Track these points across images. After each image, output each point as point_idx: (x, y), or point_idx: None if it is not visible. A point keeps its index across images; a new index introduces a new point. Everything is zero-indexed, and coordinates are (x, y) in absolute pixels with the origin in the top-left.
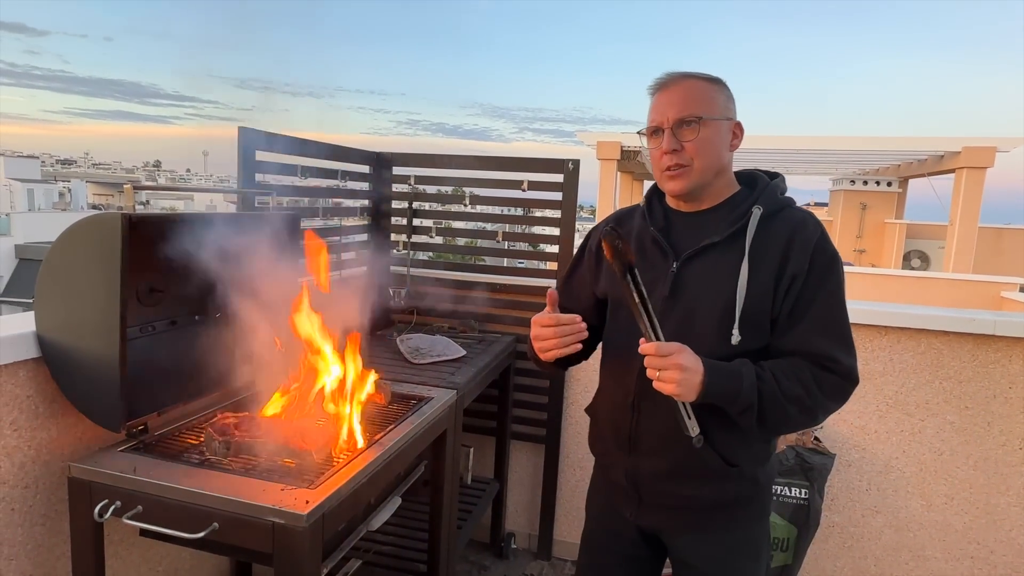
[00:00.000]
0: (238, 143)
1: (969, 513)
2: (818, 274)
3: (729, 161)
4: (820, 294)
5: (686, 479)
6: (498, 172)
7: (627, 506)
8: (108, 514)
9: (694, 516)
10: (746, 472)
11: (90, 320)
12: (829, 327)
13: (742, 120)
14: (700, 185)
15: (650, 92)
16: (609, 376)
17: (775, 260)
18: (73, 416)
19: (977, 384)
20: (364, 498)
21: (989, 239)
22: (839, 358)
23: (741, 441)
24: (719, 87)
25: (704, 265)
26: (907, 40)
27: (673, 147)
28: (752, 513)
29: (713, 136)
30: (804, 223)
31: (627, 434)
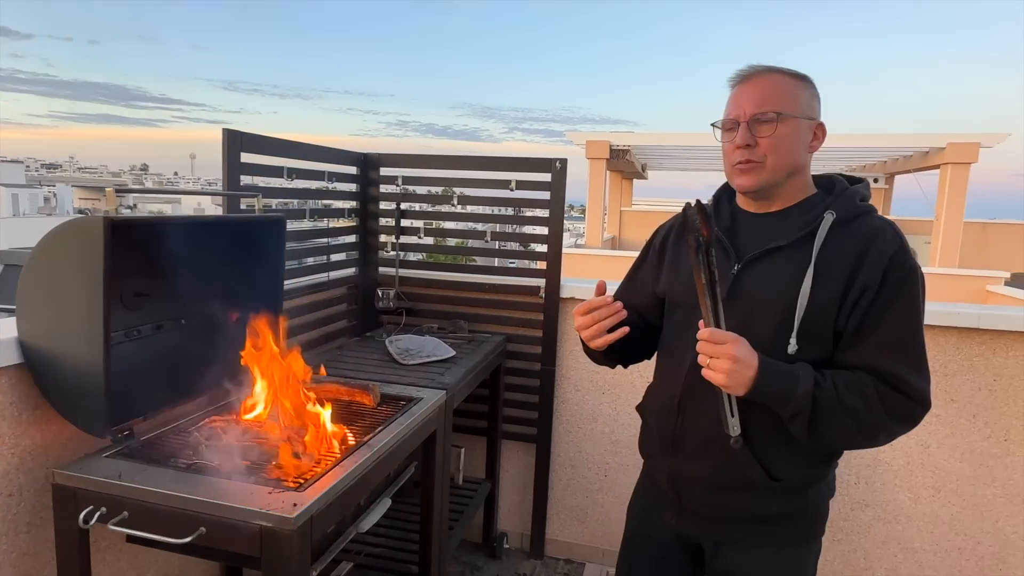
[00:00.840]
0: (223, 145)
1: (956, 505)
2: (892, 289)
3: (806, 163)
4: (892, 310)
5: (725, 488)
6: (486, 172)
7: (669, 511)
8: (93, 520)
9: (733, 528)
10: (791, 488)
11: (73, 325)
12: (899, 346)
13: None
14: (771, 184)
15: (730, 84)
16: (660, 375)
17: (845, 270)
18: (58, 422)
19: (962, 377)
20: (353, 500)
21: (974, 234)
22: (908, 379)
23: (788, 454)
24: (804, 84)
25: (767, 269)
26: (891, 37)
27: (747, 142)
28: (797, 534)
29: (790, 134)
30: (882, 232)
31: (671, 435)
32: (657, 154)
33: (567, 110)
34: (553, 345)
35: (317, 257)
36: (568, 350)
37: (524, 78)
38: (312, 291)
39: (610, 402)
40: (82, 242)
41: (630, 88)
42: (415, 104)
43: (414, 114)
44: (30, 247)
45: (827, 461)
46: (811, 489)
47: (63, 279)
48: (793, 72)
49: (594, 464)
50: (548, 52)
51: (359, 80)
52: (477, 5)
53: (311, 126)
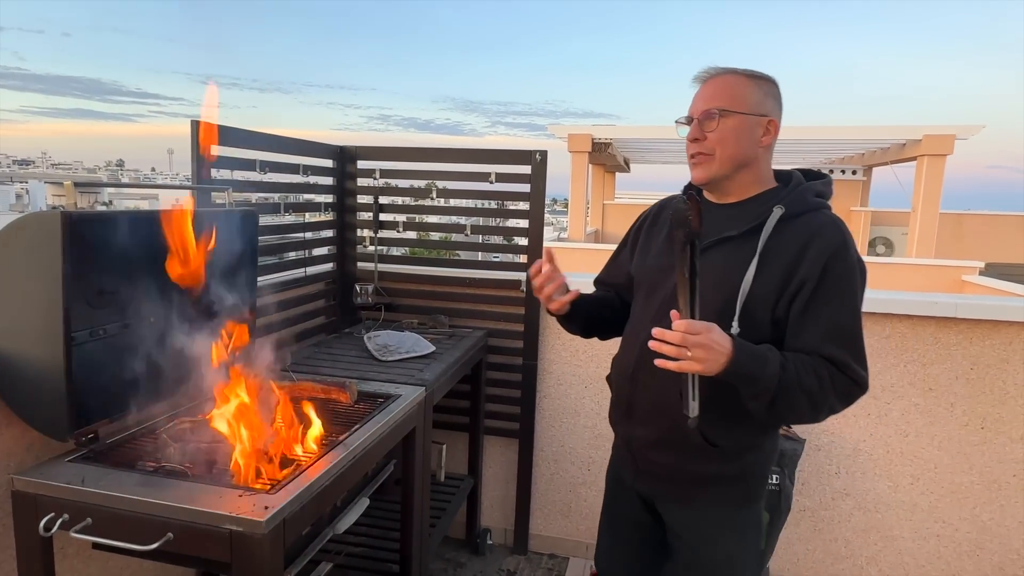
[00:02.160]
0: (191, 138)
1: (934, 492)
2: (833, 281)
3: (757, 156)
4: (834, 301)
5: (670, 450)
6: (465, 164)
7: (627, 471)
8: (55, 528)
9: (678, 487)
10: (728, 453)
11: (32, 325)
12: (843, 335)
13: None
14: (721, 175)
15: (692, 86)
16: (621, 347)
17: (786, 263)
18: (19, 426)
19: (940, 366)
20: (329, 501)
21: (950, 225)
22: (852, 365)
23: (727, 424)
24: (756, 83)
25: (718, 257)
26: (868, 30)
27: (695, 136)
28: (734, 496)
29: (736, 128)
30: (824, 229)
31: (626, 402)
32: (640, 147)
33: (550, 104)
34: (535, 339)
35: (294, 252)
36: (550, 344)
37: (507, 72)
38: (289, 287)
39: (592, 396)
40: (39, 238)
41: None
42: (397, 98)
43: (396, 108)
44: None
45: (763, 432)
46: (747, 455)
47: (20, 277)
48: (750, 72)
49: (577, 458)
50: (531, 46)
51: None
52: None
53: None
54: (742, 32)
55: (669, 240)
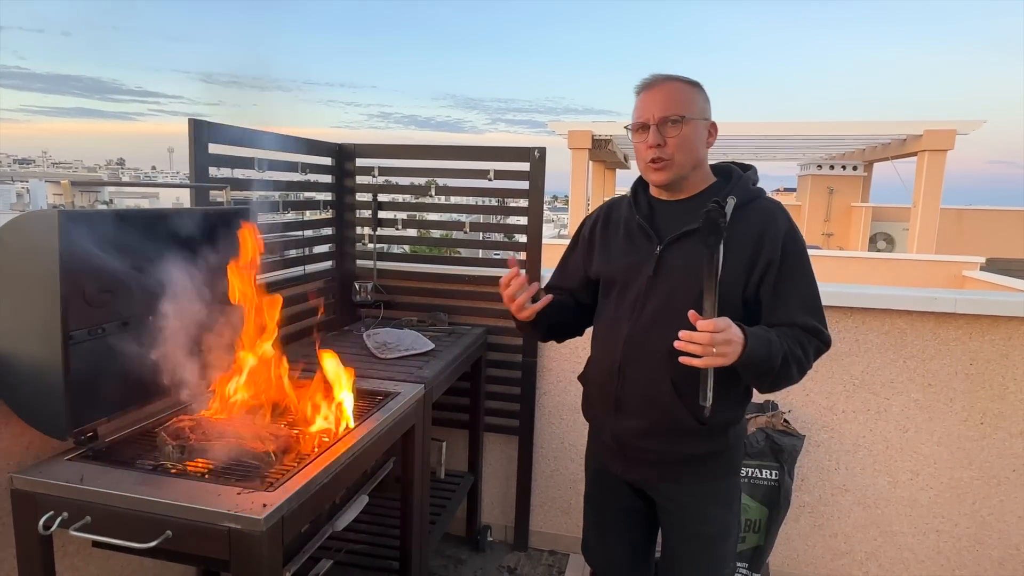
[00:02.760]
0: (189, 135)
1: (934, 488)
2: (793, 260)
3: (705, 156)
4: (798, 277)
5: (662, 436)
6: (464, 162)
7: (615, 463)
8: (54, 527)
9: (669, 468)
10: (715, 429)
11: (30, 324)
12: (810, 306)
13: (715, 107)
14: (680, 177)
15: (636, 91)
16: (599, 346)
17: (748, 247)
18: (17, 425)
19: (939, 362)
20: (328, 498)
21: (951, 220)
22: (821, 329)
23: (713, 400)
24: (698, 90)
25: (684, 249)
26: (869, 25)
27: (657, 142)
28: (722, 467)
29: (692, 134)
30: (774, 214)
31: (613, 397)
32: None
33: (550, 100)
34: None
35: (293, 250)
36: (550, 342)
37: (507, 69)
38: (288, 285)
39: None
40: (36, 237)
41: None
42: (397, 95)
43: (396, 106)
44: None
45: (742, 405)
46: (731, 430)
47: (17, 276)
48: (688, 79)
49: (577, 455)
50: (532, 43)
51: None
52: None
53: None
54: (740, 29)
55: (630, 239)
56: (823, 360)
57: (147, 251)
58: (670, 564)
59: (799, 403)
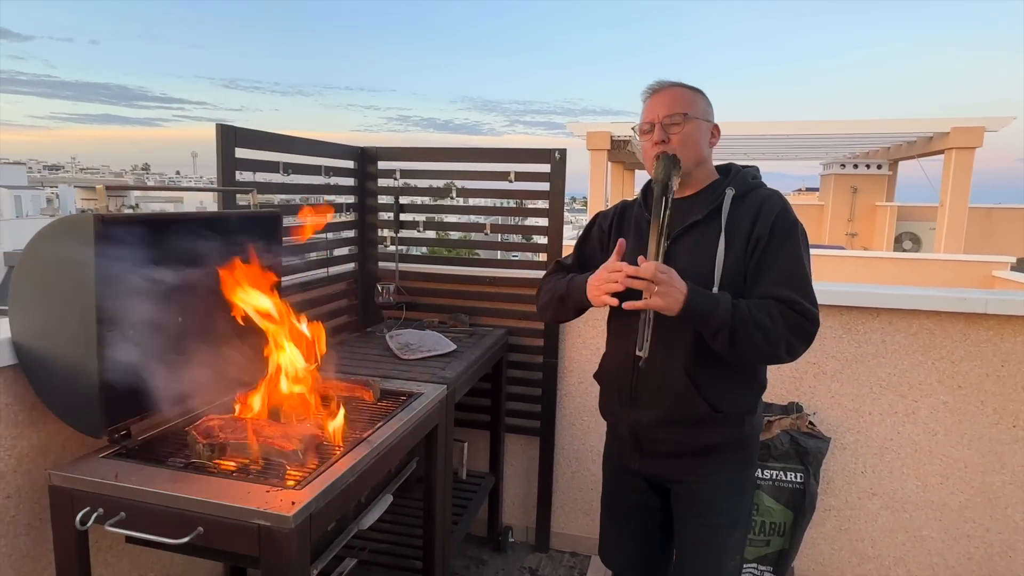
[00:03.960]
0: (216, 141)
1: (964, 492)
2: (779, 236)
3: (708, 156)
4: (781, 253)
5: (677, 426)
6: (485, 164)
7: (632, 457)
8: (91, 522)
9: (686, 459)
10: (731, 418)
11: (66, 325)
12: (790, 278)
13: (733, 104)
14: (684, 173)
15: (643, 98)
16: (614, 341)
17: (745, 230)
18: (55, 423)
19: (969, 363)
20: (353, 497)
21: (979, 219)
22: (800, 301)
23: (727, 388)
24: (700, 95)
25: (690, 240)
26: (893, 20)
27: (662, 139)
28: (738, 457)
29: (695, 132)
30: (769, 198)
31: (628, 390)
32: None
33: (569, 102)
34: (555, 338)
35: (316, 253)
36: (571, 343)
37: (526, 71)
38: (311, 287)
39: None
40: (72, 240)
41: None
42: (416, 99)
43: (415, 109)
44: None
45: (756, 394)
46: (746, 419)
47: (54, 278)
48: (691, 86)
49: (598, 456)
50: (549, 44)
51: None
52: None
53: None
54: (762, 27)
55: (639, 236)
56: (848, 361)
57: (178, 254)
58: (680, 552)
59: (824, 405)
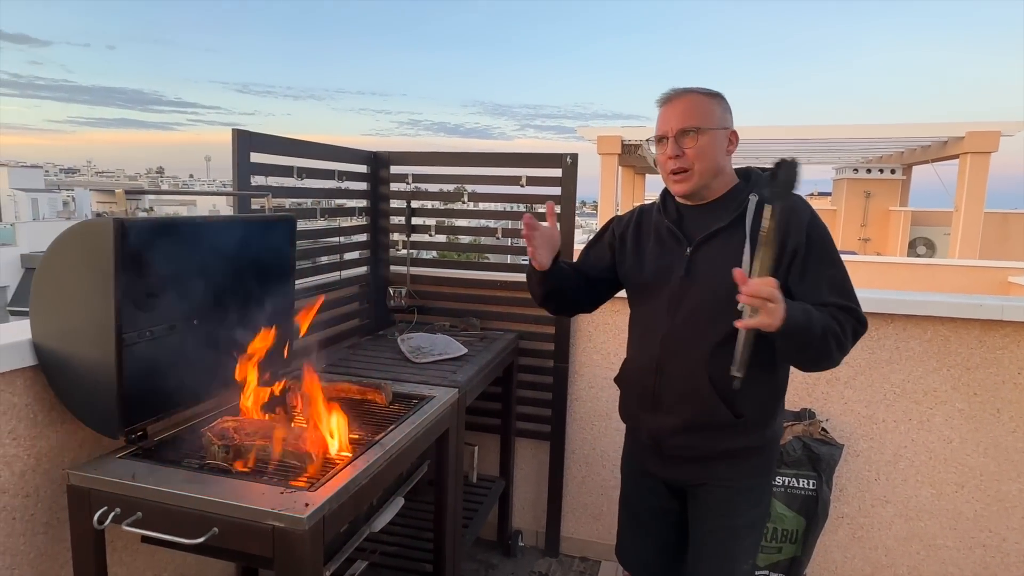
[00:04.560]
0: (232, 145)
1: (980, 501)
2: (818, 245)
3: (726, 164)
4: (824, 261)
5: (699, 431)
6: (496, 168)
7: (652, 462)
8: (108, 521)
9: (707, 464)
10: (752, 424)
11: (85, 327)
12: (841, 286)
13: (744, 110)
14: (701, 186)
15: (657, 105)
16: (636, 347)
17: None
18: (73, 423)
19: (985, 370)
20: (366, 499)
21: (995, 224)
22: (855, 307)
23: (748, 394)
24: (716, 100)
25: (713, 248)
26: (907, 23)
27: (676, 153)
28: (758, 466)
29: (710, 143)
30: (796, 206)
31: (651, 395)
32: None
33: (579, 106)
34: (566, 342)
35: (329, 256)
36: (582, 347)
37: (536, 75)
38: (324, 290)
39: None
40: (92, 243)
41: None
42: (426, 103)
43: (426, 113)
44: None
45: (777, 400)
46: (768, 426)
47: (74, 281)
48: (707, 91)
49: (609, 461)
50: (560, 48)
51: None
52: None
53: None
54: (776, 31)
55: (660, 243)
56: (862, 367)
57: (194, 257)
58: (694, 553)
59: (837, 411)
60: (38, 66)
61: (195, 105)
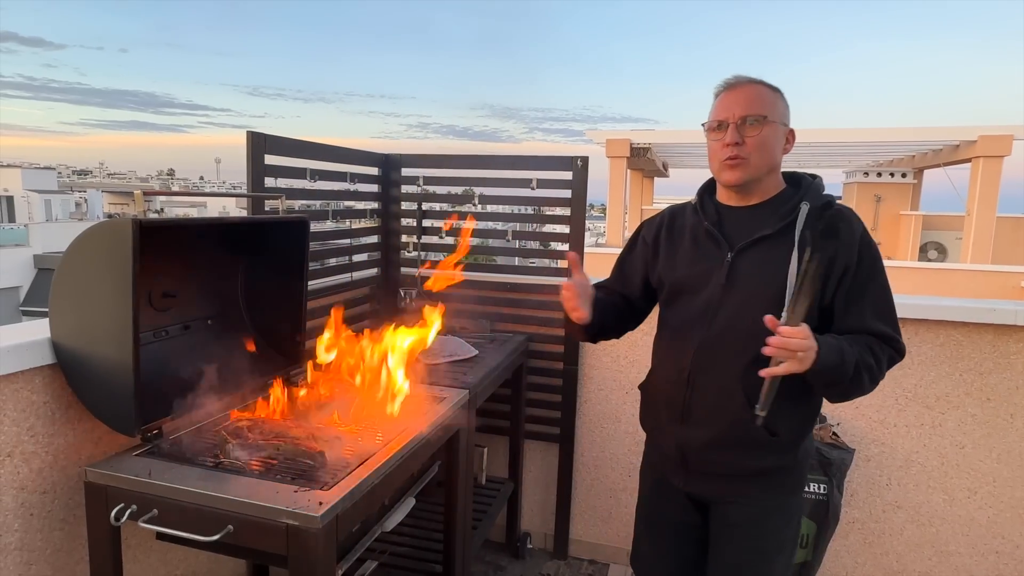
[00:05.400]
0: (247, 147)
1: (993, 507)
2: (868, 265)
3: (780, 163)
4: (873, 283)
5: (729, 448)
6: (507, 171)
7: (676, 475)
8: (124, 518)
9: (735, 482)
10: (785, 443)
11: (103, 326)
12: (884, 312)
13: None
14: (754, 179)
15: (716, 92)
16: (665, 355)
17: (825, 252)
18: (89, 421)
19: (999, 376)
20: (378, 499)
21: (1008, 229)
22: (896, 337)
23: (784, 413)
24: (779, 95)
25: (757, 255)
26: (919, 25)
27: (735, 140)
28: (789, 484)
29: (772, 136)
30: (849, 220)
31: (680, 407)
32: (678, 152)
33: (587, 109)
34: (576, 344)
35: (340, 258)
36: (591, 350)
37: (544, 78)
38: (335, 291)
39: (634, 402)
40: (111, 244)
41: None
42: (436, 106)
43: (435, 116)
44: (62, 251)
45: (812, 418)
46: (800, 445)
47: (93, 281)
48: (771, 84)
49: (618, 464)
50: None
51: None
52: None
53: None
54: (784, 31)
55: (697, 245)
56: None
57: (209, 258)
58: (718, 574)
59: (848, 416)
60: (52, 69)
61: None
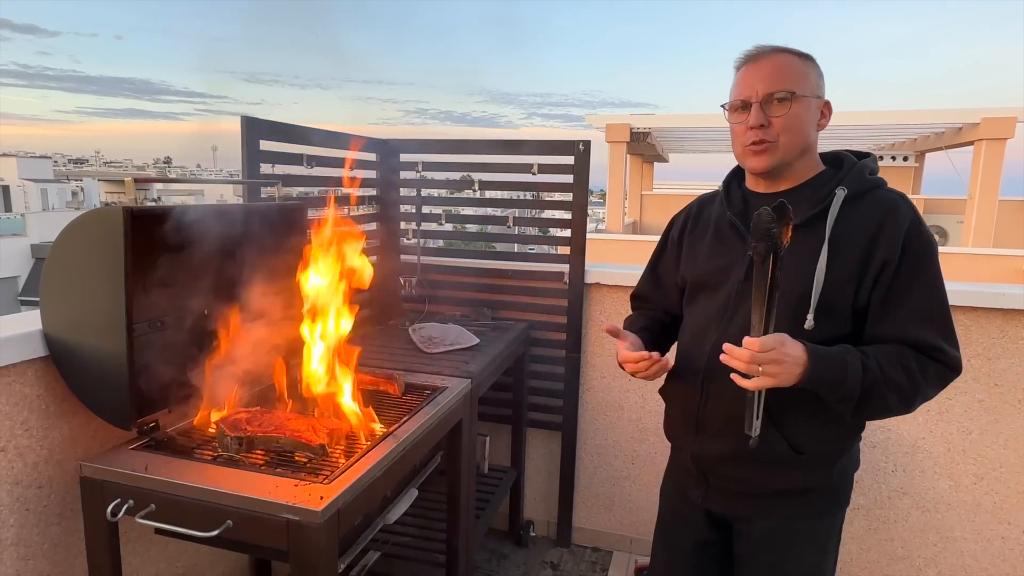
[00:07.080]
0: (242, 133)
1: (999, 493)
2: (913, 261)
3: (815, 141)
4: (918, 282)
5: (749, 463)
6: (507, 156)
7: (694, 489)
8: (121, 513)
9: (757, 501)
10: (816, 461)
11: (96, 317)
12: (930, 316)
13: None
14: (783, 163)
15: (736, 65)
16: (682, 358)
17: (860, 246)
18: (85, 414)
19: (1007, 361)
20: (380, 491)
21: (1010, 212)
22: (944, 347)
23: (813, 427)
24: (810, 63)
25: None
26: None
27: (760, 122)
28: (821, 506)
29: (803, 113)
30: (895, 206)
31: (694, 415)
32: (678, 137)
33: (587, 94)
34: (578, 332)
35: None
36: (593, 337)
37: (543, 63)
38: None
39: (637, 389)
40: (102, 233)
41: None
42: (434, 91)
43: (433, 101)
44: None
45: (853, 435)
46: (836, 463)
47: (84, 271)
48: (799, 51)
49: (621, 452)
50: (567, 36)
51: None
52: None
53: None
54: (785, 11)
55: (719, 238)
56: None
57: (205, 246)
58: None
59: None
60: (47, 56)
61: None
